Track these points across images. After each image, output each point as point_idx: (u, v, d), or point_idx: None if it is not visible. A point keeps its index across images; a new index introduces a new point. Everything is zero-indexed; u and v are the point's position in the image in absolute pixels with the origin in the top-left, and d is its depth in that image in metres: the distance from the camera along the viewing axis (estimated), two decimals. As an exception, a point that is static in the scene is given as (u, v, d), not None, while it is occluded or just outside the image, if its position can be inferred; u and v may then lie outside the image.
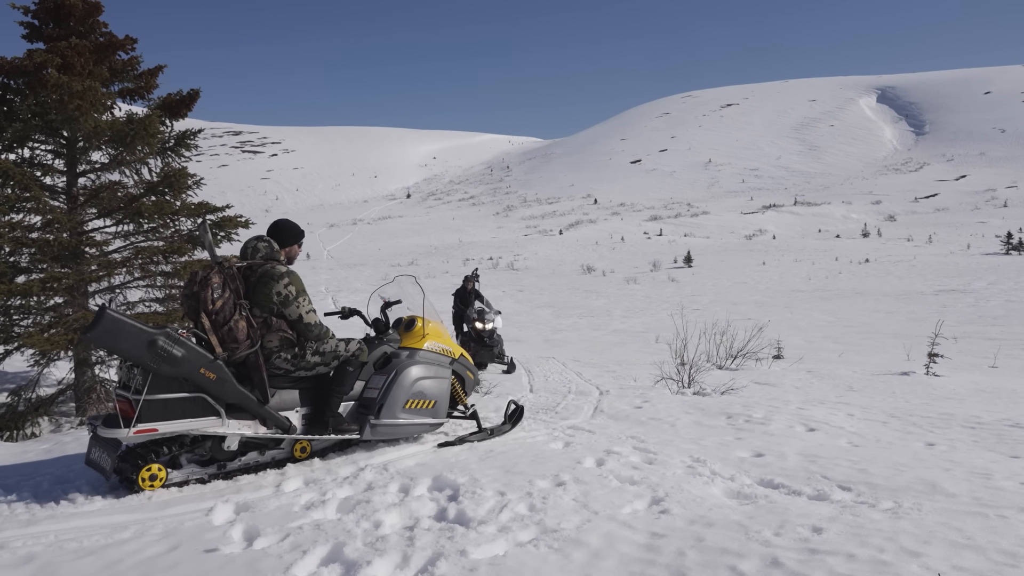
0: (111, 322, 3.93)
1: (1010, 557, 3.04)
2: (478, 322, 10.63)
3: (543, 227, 75.60)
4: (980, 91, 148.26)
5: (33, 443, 6.17)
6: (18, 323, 7.37)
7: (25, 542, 3.36)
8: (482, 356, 10.37)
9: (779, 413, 6.29)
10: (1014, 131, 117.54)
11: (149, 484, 4.08)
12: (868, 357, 12.86)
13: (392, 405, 4.94)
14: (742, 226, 67.55)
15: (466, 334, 10.84)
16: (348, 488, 4.09)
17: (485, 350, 10.40)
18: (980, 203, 76.02)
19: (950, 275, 29.42)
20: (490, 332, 10.48)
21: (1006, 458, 4.81)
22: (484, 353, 10.40)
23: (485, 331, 10.50)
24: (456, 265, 43.41)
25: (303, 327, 4.51)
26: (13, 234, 6.99)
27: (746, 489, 4.13)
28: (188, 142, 8.42)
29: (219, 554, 3.19)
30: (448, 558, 3.11)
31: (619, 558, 3.15)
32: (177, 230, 8.06)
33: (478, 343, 10.42)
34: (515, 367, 10.35)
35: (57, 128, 7.61)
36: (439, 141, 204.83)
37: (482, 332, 10.50)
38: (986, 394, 7.83)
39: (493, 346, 10.47)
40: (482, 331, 10.50)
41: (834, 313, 21.55)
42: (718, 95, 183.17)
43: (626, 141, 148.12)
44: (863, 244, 48.18)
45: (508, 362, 10.52)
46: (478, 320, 10.66)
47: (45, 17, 7.95)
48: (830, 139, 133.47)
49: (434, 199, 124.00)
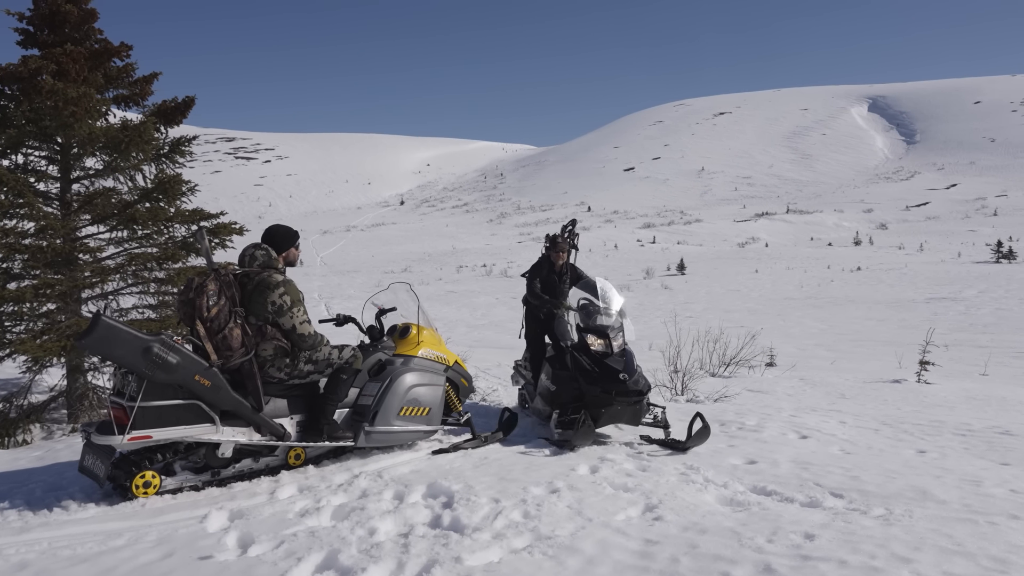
0: (106, 329, 3.93)
1: (1000, 563, 3.08)
2: (593, 336, 5.66)
3: (537, 234, 75.61)
4: (970, 101, 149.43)
5: (25, 450, 6.14)
6: (10, 329, 7.34)
7: (18, 549, 3.35)
8: (607, 403, 5.35)
9: (772, 420, 6.32)
10: (1004, 141, 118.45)
11: (143, 491, 4.07)
12: (860, 364, 12.92)
13: (386, 412, 4.95)
14: (735, 234, 67.77)
15: (563, 355, 5.94)
16: (343, 495, 4.09)
17: (606, 388, 5.36)
18: (970, 212, 76.50)
19: (941, 283, 29.59)
20: (619, 351, 5.64)
21: (996, 465, 4.85)
22: (614, 398, 5.33)
23: (609, 352, 5.61)
24: (450, 272, 43.39)
25: (296, 337, 4.52)
26: (6, 240, 6.96)
27: (739, 496, 4.15)
28: (183, 149, 8.41)
29: (213, 561, 3.19)
30: (443, 565, 3.12)
31: (613, 565, 3.16)
32: (171, 237, 8.04)
33: (599, 377, 5.43)
34: (707, 429, 5.35)
35: (51, 134, 7.60)
36: (433, 148, 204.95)
37: (604, 354, 5.60)
38: (977, 402, 7.88)
39: (621, 372, 5.41)
40: (604, 353, 5.61)
41: (826, 321, 21.64)
42: (711, 103, 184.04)
43: (619, 149, 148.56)
44: (855, 252, 48.40)
45: (700, 426, 5.33)
46: (593, 332, 5.69)
47: (40, 23, 7.95)
48: (822, 148, 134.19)
49: (428, 206, 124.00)
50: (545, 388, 6.01)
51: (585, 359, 5.59)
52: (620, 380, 5.38)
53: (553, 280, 6.57)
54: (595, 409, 5.42)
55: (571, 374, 5.62)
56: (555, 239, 6.64)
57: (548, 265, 6.61)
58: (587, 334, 5.71)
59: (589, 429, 5.27)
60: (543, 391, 6.08)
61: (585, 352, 5.64)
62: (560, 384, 5.76)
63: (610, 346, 5.65)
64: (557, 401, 5.72)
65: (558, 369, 5.87)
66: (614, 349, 5.64)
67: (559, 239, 6.63)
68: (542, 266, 6.60)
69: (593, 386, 5.44)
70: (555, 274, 6.60)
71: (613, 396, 5.36)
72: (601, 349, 5.63)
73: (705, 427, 5.30)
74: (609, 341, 5.65)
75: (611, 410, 5.42)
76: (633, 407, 5.41)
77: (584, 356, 5.62)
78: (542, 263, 6.62)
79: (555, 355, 6.19)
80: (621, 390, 5.37)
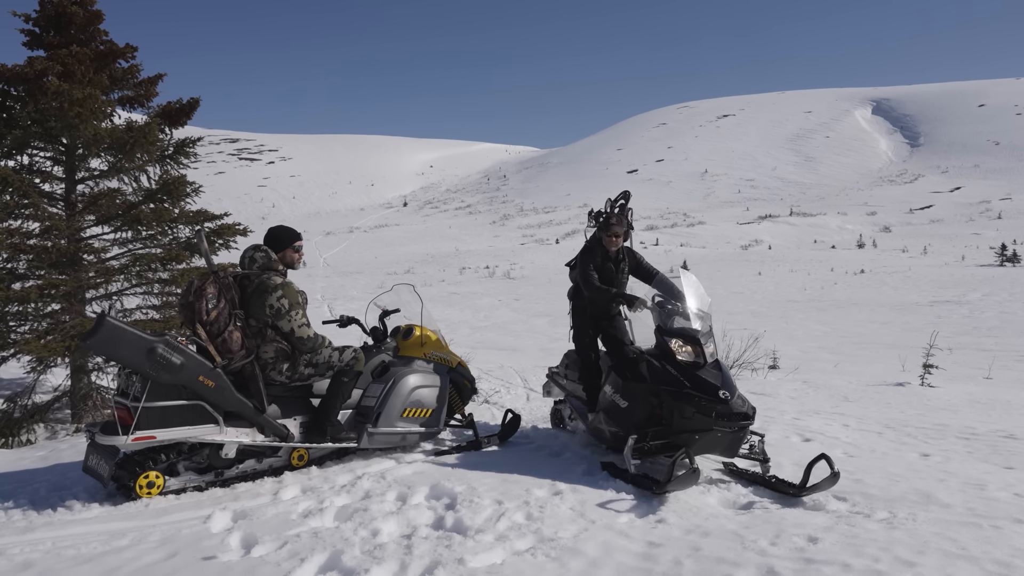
0: (110, 329, 3.95)
1: (1004, 567, 3.07)
2: (678, 341, 4.61)
3: (540, 236, 75.69)
4: (974, 104, 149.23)
5: (29, 450, 6.16)
6: (15, 329, 7.35)
7: (23, 549, 3.36)
8: (703, 427, 4.36)
9: (775, 423, 6.31)
10: (1008, 143, 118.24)
11: (147, 491, 4.09)
12: (863, 367, 12.89)
13: (390, 414, 4.95)
14: (738, 236, 67.74)
15: (633, 364, 4.82)
16: (346, 496, 4.10)
17: (703, 409, 4.35)
18: (974, 215, 76.37)
19: (945, 286, 29.53)
20: (713, 362, 4.59)
21: (1000, 469, 4.84)
22: (714, 421, 4.34)
23: (701, 362, 4.55)
24: (453, 273, 43.41)
25: (296, 340, 4.53)
26: (11, 240, 6.98)
27: (742, 499, 4.15)
28: (187, 150, 8.42)
29: (217, 561, 3.19)
30: (446, 566, 3.13)
31: (616, 567, 3.16)
32: (175, 238, 8.06)
33: (692, 394, 4.40)
34: (836, 477, 4.12)
35: (56, 135, 7.62)
36: (436, 150, 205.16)
37: (694, 364, 4.54)
38: (981, 405, 7.86)
39: (721, 389, 4.39)
40: (694, 363, 4.55)
41: (829, 323, 21.60)
42: (714, 106, 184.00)
43: (623, 151, 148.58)
44: (858, 255, 48.34)
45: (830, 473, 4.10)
46: (678, 338, 4.62)
47: (46, 25, 7.97)
48: (825, 150, 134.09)
49: (431, 207, 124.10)
50: (610, 404, 4.87)
51: (671, 369, 4.53)
52: (721, 399, 4.34)
53: (609, 269, 5.29)
54: (685, 435, 4.39)
55: (650, 387, 4.59)
56: (607, 219, 5.24)
57: (602, 251, 5.29)
58: (670, 338, 4.62)
59: (693, 474, 4.01)
60: (607, 407, 4.90)
61: (669, 361, 4.58)
62: (633, 400, 4.70)
63: (702, 355, 4.54)
64: (629, 421, 4.68)
65: (629, 380, 4.77)
66: (707, 359, 4.55)
67: (612, 218, 5.23)
68: (594, 252, 5.27)
69: (685, 405, 4.38)
70: (611, 261, 5.30)
71: (713, 419, 4.31)
72: (690, 358, 4.53)
73: (834, 475, 4.08)
74: (701, 348, 4.55)
75: (707, 437, 4.36)
76: (736, 434, 4.39)
77: (668, 365, 4.56)
78: (593, 248, 5.28)
79: (622, 362, 4.96)
80: (723, 412, 4.31)
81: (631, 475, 4.35)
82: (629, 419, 4.69)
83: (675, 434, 4.46)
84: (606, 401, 4.96)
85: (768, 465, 4.64)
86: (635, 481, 4.29)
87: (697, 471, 4.07)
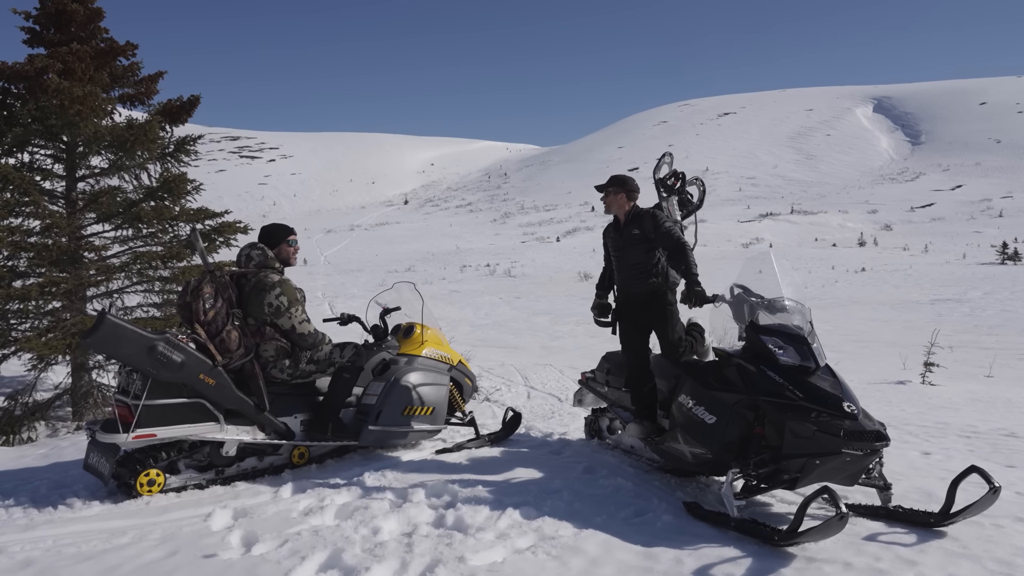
0: (111, 327, 3.95)
1: (1006, 566, 3.07)
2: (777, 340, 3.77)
3: (540, 234, 75.63)
4: (976, 102, 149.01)
5: (30, 448, 6.16)
6: (16, 327, 7.35)
7: (23, 547, 3.36)
8: (830, 450, 3.39)
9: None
10: (1009, 142, 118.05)
11: (147, 489, 4.09)
12: (864, 366, 12.89)
13: (390, 411, 4.95)
14: (739, 234, 67.66)
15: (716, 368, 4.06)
16: (346, 494, 4.10)
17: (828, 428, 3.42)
18: (976, 213, 76.26)
19: (946, 284, 29.49)
20: (826, 369, 3.73)
21: (1002, 467, 4.83)
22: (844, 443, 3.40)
23: (812, 367, 3.67)
24: (453, 271, 43.39)
25: (296, 337, 4.53)
26: (12, 238, 6.98)
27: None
28: (188, 148, 8.41)
29: (218, 559, 3.19)
30: (447, 565, 3.12)
31: (617, 565, 3.16)
32: (176, 235, 8.05)
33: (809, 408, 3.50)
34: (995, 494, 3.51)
35: (57, 133, 7.62)
36: (437, 148, 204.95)
37: (803, 369, 3.66)
38: (982, 403, 7.86)
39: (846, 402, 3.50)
40: (803, 367, 3.67)
41: (830, 321, 21.57)
42: (715, 104, 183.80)
43: (624, 149, 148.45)
44: (859, 253, 48.29)
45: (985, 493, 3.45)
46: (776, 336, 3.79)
47: (46, 22, 7.96)
48: (826, 148, 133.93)
49: (432, 205, 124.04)
50: (692, 419, 3.99)
51: (772, 374, 3.64)
52: (847, 412, 3.42)
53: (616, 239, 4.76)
54: (806, 460, 3.42)
55: (746, 399, 3.70)
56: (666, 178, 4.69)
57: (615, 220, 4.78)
58: (767, 338, 3.74)
59: (840, 520, 3.06)
60: (687, 423, 4.03)
61: (768, 364, 3.69)
62: (724, 414, 3.78)
63: (813, 358, 3.68)
64: (720, 441, 3.79)
65: (717, 390, 3.88)
66: (818, 362, 3.68)
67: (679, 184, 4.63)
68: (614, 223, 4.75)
69: (802, 422, 3.44)
70: (618, 231, 4.76)
71: (842, 439, 3.37)
72: (796, 361, 3.66)
73: (993, 490, 3.42)
74: (808, 349, 3.70)
75: (831, 463, 3.40)
76: (867, 458, 3.45)
77: (770, 370, 3.67)
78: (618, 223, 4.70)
79: (705, 367, 4.18)
80: (853, 430, 3.39)
81: (734, 520, 3.45)
82: (720, 438, 3.79)
83: (786, 459, 3.48)
84: (684, 417, 4.05)
85: (889, 493, 3.74)
86: (741, 528, 3.40)
87: (846, 516, 3.05)
